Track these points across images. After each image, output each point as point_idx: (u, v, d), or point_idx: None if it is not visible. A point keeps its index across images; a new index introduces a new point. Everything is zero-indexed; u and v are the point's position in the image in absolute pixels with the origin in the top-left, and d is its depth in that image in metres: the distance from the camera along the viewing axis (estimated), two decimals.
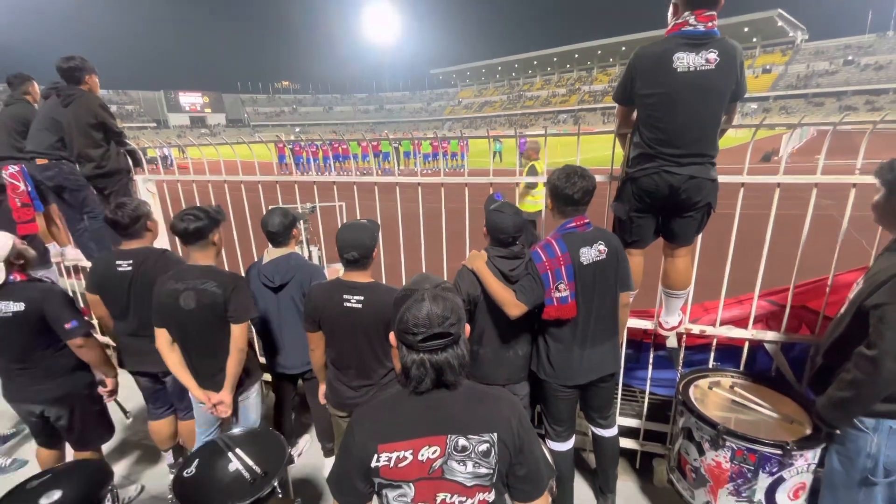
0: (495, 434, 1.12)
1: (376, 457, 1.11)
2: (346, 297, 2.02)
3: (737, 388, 2.20)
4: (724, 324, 2.45)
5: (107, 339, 3.50)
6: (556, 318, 2.01)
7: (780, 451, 1.78)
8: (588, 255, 1.99)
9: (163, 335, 2.14)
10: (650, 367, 2.61)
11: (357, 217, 2.54)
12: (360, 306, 2.01)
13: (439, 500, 1.12)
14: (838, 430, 1.70)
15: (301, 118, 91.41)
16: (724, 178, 2.11)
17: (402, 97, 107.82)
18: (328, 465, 2.64)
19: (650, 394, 2.66)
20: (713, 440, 1.91)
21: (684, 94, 1.89)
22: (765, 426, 1.95)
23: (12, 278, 2.10)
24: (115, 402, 2.52)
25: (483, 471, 1.11)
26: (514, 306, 1.99)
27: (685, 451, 2.09)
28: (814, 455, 1.82)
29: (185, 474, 1.79)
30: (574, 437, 2.35)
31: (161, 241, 3.15)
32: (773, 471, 1.81)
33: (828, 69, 55.31)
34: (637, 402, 2.81)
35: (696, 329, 2.46)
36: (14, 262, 2.11)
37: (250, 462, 1.85)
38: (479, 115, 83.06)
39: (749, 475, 1.85)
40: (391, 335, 1.18)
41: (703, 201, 2.03)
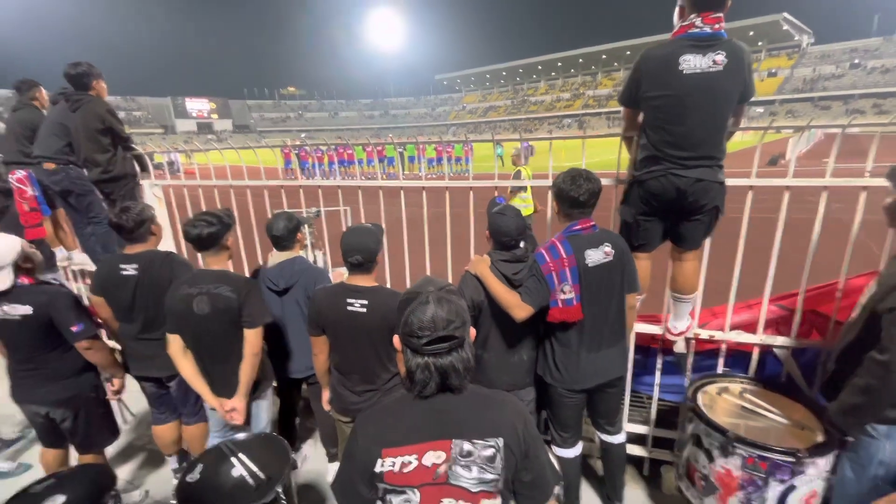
0: (501, 439, 1.11)
1: (380, 462, 1.09)
2: (350, 300, 2.01)
3: (746, 394, 2.17)
4: (733, 328, 2.42)
5: (114, 344, 3.52)
6: (561, 320, 1.99)
7: (791, 459, 1.74)
8: (594, 257, 1.97)
9: (176, 341, 2.13)
10: (658, 372, 2.58)
11: (362, 221, 2.54)
12: (364, 310, 2.00)
13: None
14: (851, 438, 1.67)
15: (307, 124, 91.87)
16: (732, 182, 2.09)
17: (406, 102, 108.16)
18: (332, 471, 2.62)
19: (658, 400, 2.63)
20: (723, 447, 1.88)
21: (692, 97, 1.87)
22: (775, 433, 1.91)
23: (20, 282, 2.11)
24: (122, 403, 2.51)
25: (489, 476, 1.10)
26: (520, 308, 1.97)
27: (694, 459, 2.06)
28: (826, 462, 1.78)
29: (188, 479, 1.78)
30: (581, 443, 2.32)
31: (164, 245, 3.16)
32: (785, 479, 1.78)
33: (834, 72, 54.96)
34: (645, 409, 2.78)
35: (704, 334, 2.43)
36: (22, 265, 2.13)
37: (254, 467, 1.84)
38: (483, 120, 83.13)
39: (760, 483, 1.82)
40: (395, 339, 1.17)
41: (711, 204, 2.01)
